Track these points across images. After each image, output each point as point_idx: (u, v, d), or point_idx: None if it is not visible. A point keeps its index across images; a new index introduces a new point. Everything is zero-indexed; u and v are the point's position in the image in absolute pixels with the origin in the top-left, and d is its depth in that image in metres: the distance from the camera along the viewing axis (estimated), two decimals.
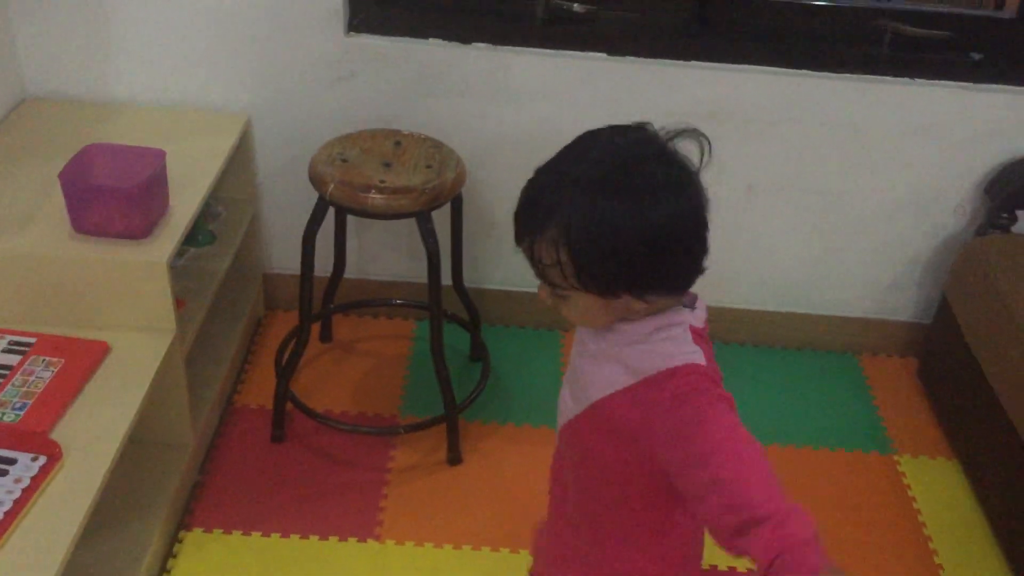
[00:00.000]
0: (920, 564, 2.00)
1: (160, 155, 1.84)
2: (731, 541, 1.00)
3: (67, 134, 2.06)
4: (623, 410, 1.12)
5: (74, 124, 2.13)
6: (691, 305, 1.15)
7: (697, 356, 1.10)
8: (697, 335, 1.14)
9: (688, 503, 1.09)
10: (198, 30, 2.16)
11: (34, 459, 1.52)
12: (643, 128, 1.08)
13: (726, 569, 1.96)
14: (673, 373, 1.08)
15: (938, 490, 2.18)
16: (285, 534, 1.95)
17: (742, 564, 1.96)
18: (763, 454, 1.02)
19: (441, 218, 2.04)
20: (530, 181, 1.08)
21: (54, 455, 1.53)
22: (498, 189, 2.31)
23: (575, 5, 2.18)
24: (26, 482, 1.48)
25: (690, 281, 1.11)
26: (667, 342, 1.11)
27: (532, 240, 1.06)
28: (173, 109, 2.24)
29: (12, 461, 1.51)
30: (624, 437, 1.13)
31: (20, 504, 1.45)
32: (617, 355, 1.13)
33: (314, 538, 1.95)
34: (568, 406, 1.22)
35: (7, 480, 1.48)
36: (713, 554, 1.18)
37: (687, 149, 1.08)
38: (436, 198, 1.91)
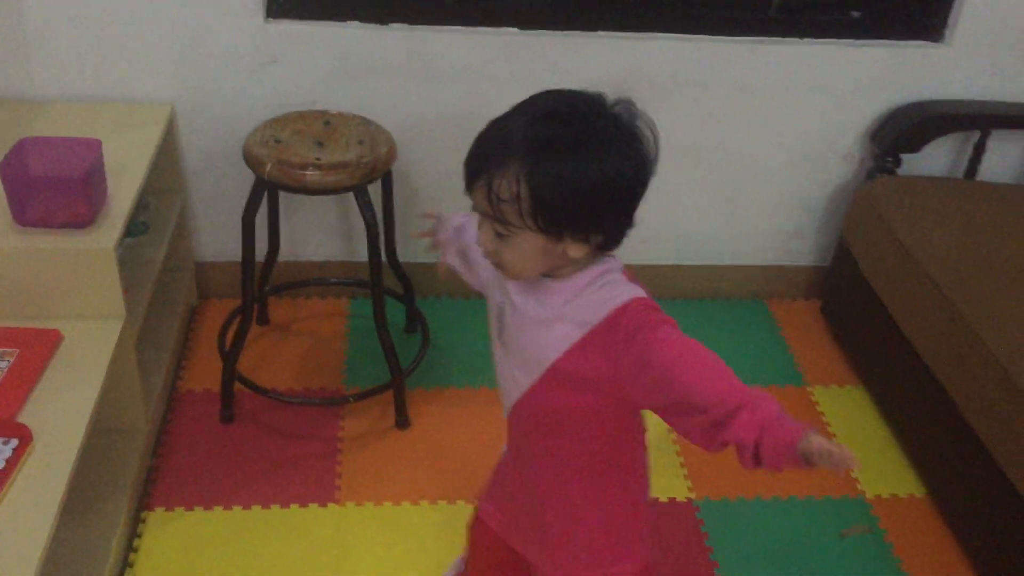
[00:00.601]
0: (839, 480, 2.18)
1: (96, 144, 1.87)
2: (713, 439, 1.10)
3: None
4: (585, 361, 1.19)
5: (1, 123, 2.13)
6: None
7: (638, 290, 1.20)
8: (627, 275, 1.23)
9: (666, 419, 1.16)
10: (118, 23, 2.19)
11: (5, 443, 1.55)
12: (593, 92, 1.16)
13: (667, 500, 2.11)
14: (622, 311, 1.16)
15: (848, 413, 2.38)
16: (247, 506, 2.01)
17: (682, 494, 2.11)
18: (716, 356, 1.14)
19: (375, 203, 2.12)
20: (490, 124, 1.15)
21: (25, 437, 1.56)
22: (425, 164, 2.41)
23: None
24: (1, 464, 1.51)
25: (625, 232, 1.20)
26: (607, 287, 1.19)
27: (491, 176, 1.12)
28: (98, 104, 2.25)
29: None
30: (592, 385, 1.20)
31: None
32: (563, 314, 1.20)
33: (275, 507, 2.02)
34: (518, 382, 1.28)
35: None
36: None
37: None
38: (371, 172, 2.00)
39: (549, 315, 1.21)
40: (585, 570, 1.38)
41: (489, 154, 1.13)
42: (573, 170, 1.10)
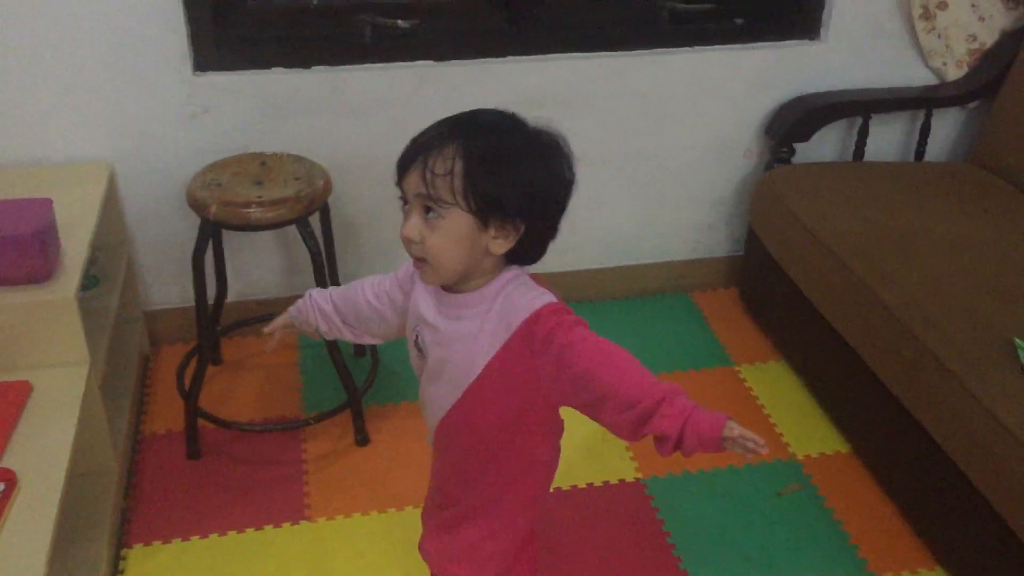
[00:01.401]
0: (773, 445, 2.36)
1: (47, 203, 1.97)
2: (636, 433, 1.20)
3: None
4: (508, 365, 1.26)
5: None
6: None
7: (548, 295, 1.27)
8: (536, 280, 1.31)
9: (587, 414, 1.27)
10: (53, 89, 2.29)
11: None
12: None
13: (617, 482, 2.26)
14: (536, 318, 1.24)
15: (774, 387, 2.57)
16: (222, 532, 2.11)
17: (630, 475, 2.27)
18: (628, 354, 1.23)
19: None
20: (420, 132, 1.24)
21: (11, 481, 1.65)
22: (358, 196, 2.54)
23: (399, 21, 2.44)
24: None
25: (546, 240, 1.28)
26: (517, 291, 1.27)
27: (427, 155, 1.19)
28: (39, 166, 2.35)
29: None
30: (517, 386, 1.28)
31: None
32: (479, 327, 1.27)
33: (250, 530, 2.11)
34: (443, 399, 1.35)
35: None
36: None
37: None
38: (311, 204, 2.13)
39: (467, 330, 1.29)
40: (464, 566, 1.50)
41: (428, 139, 1.21)
42: (505, 147, 1.21)
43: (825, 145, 2.77)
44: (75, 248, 2.04)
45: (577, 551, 2.07)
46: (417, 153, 1.21)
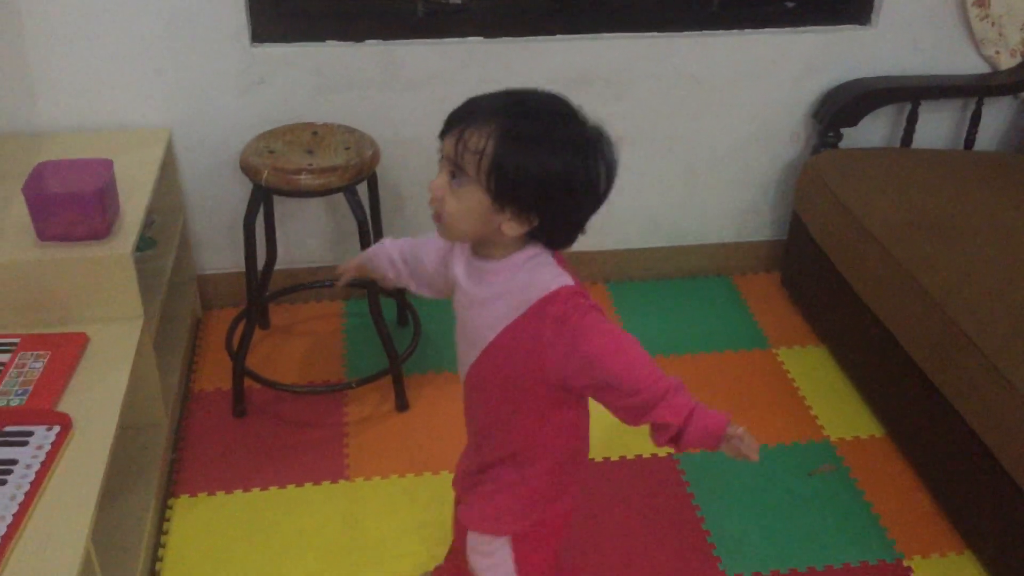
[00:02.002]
0: (806, 426, 2.39)
1: (108, 164, 2.06)
2: (638, 420, 1.26)
3: (7, 162, 2.24)
4: (518, 340, 1.30)
5: (13, 154, 2.30)
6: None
7: (566, 278, 1.29)
8: (559, 259, 1.33)
9: (595, 399, 1.31)
10: (115, 57, 2.37)
11: (49, 429, 1.71)
12: (578, 107, 1.27)
13: (649, 457, 2.29)
14: (551, 298, 1.27)
15: (811, 370, 2.58)
16: (264, 487, 2.18)
17: (663, 450, 2.30)
18: (638, 344, 1.27)
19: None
20: (485, 94, 1.26)
21: (66, 424, 1.73)
22: (406, 167, 2.60)
23: None
24: (47, 447, 1.68)
25: (570, 234, 1.28)
26: (538, 269, 1.29)
27: (466, 127, 1.21)
28: (100, 132, 2.44)
29: (30, 433, 1.70)
30: (524, 360, 1.32)
31: (45, 467, 1.65)
32: (499, 294, 1.30)
33: (291, 487, 2.19)
34: (468, 356, 1.40)
35: (29, 448, 1.67)
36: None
37: None
38: (359, 172, 2.19)
39: (487, 295, 1.32)
40: (478, 519, 1.53)
41: (472, 110, 1.23)
42: (537, 147, 1.20)
43: (873, 131, 2.76)
44: (133, 209, 2.12)
45: (607, 524, 2.11)
46: (460, 120, 1.23)
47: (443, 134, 1.27)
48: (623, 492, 2.19)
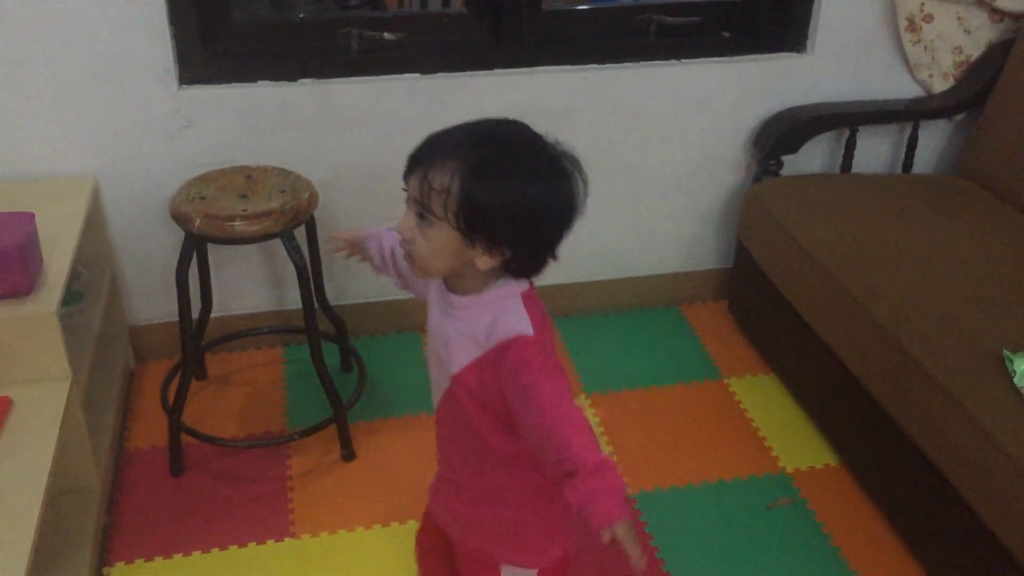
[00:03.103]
0: (762, 458, 2.36)
1: (30, 216, 1.96)
2: (559, 484, 1.23)
3: None
4: (477, 378, 1.29)
5: None
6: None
7: (525, 326, 1.26)
8: (528, 298, 1.30)
9: (535, 451, 1.27)
10: (34, 102, 2.27)
11: None
12: (540, 132, 1.27)
13: None
14: (509, 346, 1.25)
15: (763, 400, 2.56)
16: (206, 550, 2.08)
17: None
18: (581, 414, 1.25)
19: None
20: (444, 129, 1.23)
21: None
22: (345, 209, 2.53)
23: (385, 34, 2.44)
24: None
25: (541, 262, 1.27)
26: (504, 314, 1.27)
27: (429, 166, 1.19)
28: (20, 181, 2.32)
29: None
30: (484, 398, 1.31)
31: None
32: (464, 331, 1.29)
33: (234, 547, 2.09)
34: (439, 384, 1.38)
35: None
36: None
37: None
38: (296, 217, 2.12)
39: (453, 330, 1.31)
40: (516, 552, 1.48)
41: (433, 148, 1.21)
42: (504, 180, 1.18)
43: (813, 158, 2.77)
44: (57, 263, 2.02)
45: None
46: (423, 160, 1.21)
47: (406, 175, 1.24)
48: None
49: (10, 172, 2.33)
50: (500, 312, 1.27)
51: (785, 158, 2.67)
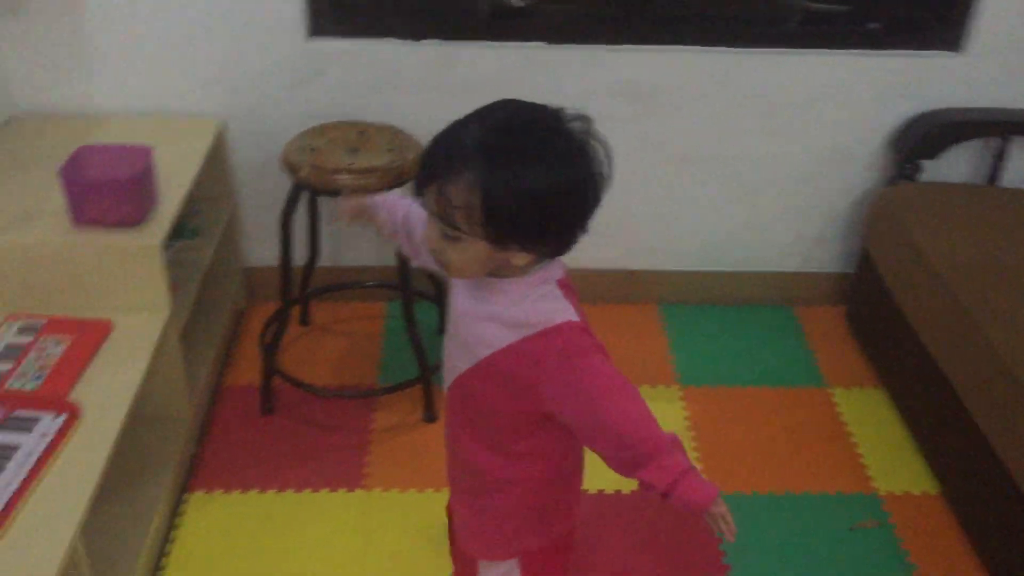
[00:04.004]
0: (854, 476, 2.23)
1: (148, 151, 2.04)
2: (628, 472, 1.18)
3: (58, 143, 2.24)
4: (511, 364, 1.24)
5: (63, 134, 2.31)
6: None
7: (571, 312, 1.23)
8: (565, 287, 1.26)
9: (584, 442, 1.24)
10: (173, 44, 2.36)
11: (55, 417, 1.70)
12: (551, 106, 1.17)
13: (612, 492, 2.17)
14: (556, 331, 1.20)
15: (867, 414, 2.42)
16: (280, 489, 2.14)
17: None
18: (637, 395, 1.20)
19: None
20: (445, 131, 1.16)
21: (73, 413, 1.72)
22: None
23: (514, 0, 2.41)
24: (51, 436, 1.66)
25: (574, 241, 1.20)
26: (542, 300, 1.23)
27: (444, 182, 1.12)
28: (153, 117, 2.43)
29: (36, 420, 1.69)
30: (514, 386, 1.25)
31: (47, 455, 1.63)
32: (496, 315, 1.24)
33: (307, 491, 2.14)
34: (455, 364, 1.33)
35: (33, 436, 1.66)
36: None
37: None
38: (399, 176, 2.13)
39: (486, 313, 1.25)
40: (488, 548, 1.46)
41: (444, 160, 1.14)
42: (524, 181, 1.11)
43: (956, 165, 2.58)
44: (171, 198, 2.10)
45: (624, 560, 2.01)
46: (434, 175, 1.14)
47: (420, 188, 1.17)
48: (645, 532, 2.08)
49: (144, 108, 2.44)
50: (540, 299, 1.23)
51: (924, 163, 2.50)
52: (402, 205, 1.47)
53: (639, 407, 1.20)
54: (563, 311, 1.23)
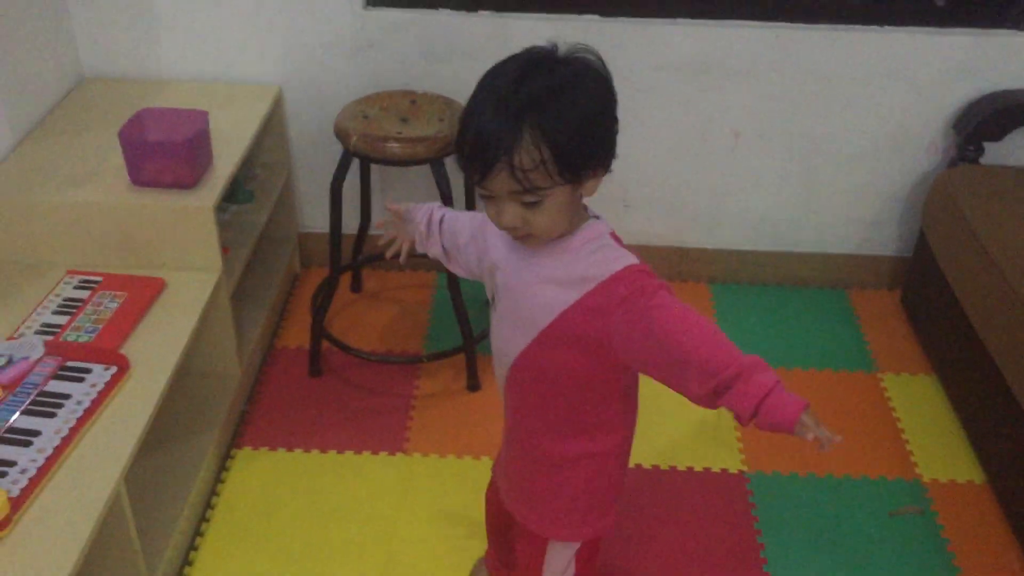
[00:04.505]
0: (898, 461, 2.20)
1: (204, 115, 2.10)
2: (712, 403, 1.16)
3: (121, 106, 2.32)
4: (579, 323, 1.25)
5: (127, 98, 2.38)
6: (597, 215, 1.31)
7: (630, 257, 1.25)
8: (618, 240, 1.29)
9: (664, 382, 1.22)
10: (233, 12, 2.42)
11: (106, 369, 1.77)
12: (533, 47, 1.25)
13: (650, 467, 2.17)
14: (617, 278, 1.22)
15: (916, 400, 2.38)
16: (324, 450, 2.20)
17: (734, 466, 2.17)
18: (710, 322, 1.19)
19: (457, 178, 2.27)
20: (473, 119, 1.19)
21: (123, 365, 1.78)
22: None
23: None
24: (100, 386, 1.73)
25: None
26: (599, 251, 1.25)
27: (510, 155, 1.14)
28: (213, 83, 2.50)
29: (88, 371, 1.76)
30: (585, 346, 1.26)
31: (95, 405, 1.70)
32: (555, 277, 1.26)
33: (349, 452, 2.19)
34: (513, 343, 1.33)
35: (84, 385, 1.73)
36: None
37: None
38: (447, 146, 2.15)
39: (542, 278, 1.28)
40: (562, 527, 1.47)
41: (497, 138, 1.15)
42: (574, 112, 1.16)
43: (1021, 149, 2.50)
44: (226, 162, 2.16)
45: (657, 540, 2.01)
46: (495, 156, 1.16)
47: (481, 178, 1.19)
48: (681, 507, 2.08)
49: (206, 73, 2.50)
50: (596, 251, 1.26)
51: (988, 146, 2.43)
52: (439, 212, 1.52)
53: (712, 335, 1.18)
54: (621, 258, 1.25)
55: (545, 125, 1.15)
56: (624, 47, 2.43)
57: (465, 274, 1.50)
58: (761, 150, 2.56)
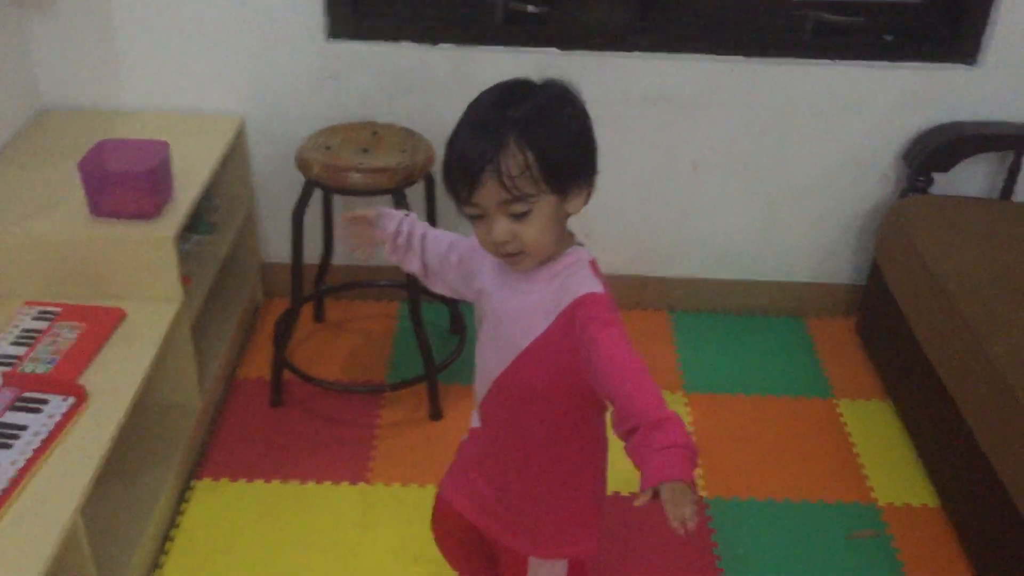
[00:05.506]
0: (854, 486, 2.23)
1: (164, 145, 2.10)
2: (624, 443, 1.17)
3: (82, 137, 2.31)
4: (555, 337, 1.30)
5: (87, 128, 2.38)
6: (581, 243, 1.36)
7: (596, 284, 1.29)
8: (595, 269, 1.33)
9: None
10: (195, 43, 2.43)
11: (64, 399, 1.76)
12: (515, 77, 1.33)
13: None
14: (579, 304, 1.27)
15: (871, 426, 2.42)
16: (285, 480, 2.19)
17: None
18: (643, 368, 1.20)
19: (418, 206, 2.30)
20: (461, 139, 1.24)
21: (80, 396, 1.77)
22: None
23: (529, 6, 2.44)
24: (58, 417, 1.72)
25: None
26: (571, 277, 1.31)
27: (496, 163, 1.19)
28: (175, 114, 2.50)
29: (45, 401, 1.75)
30: (562, 357, 1.30)
31: (52, 436, 1.69)
32: (535, 303, 1.31)
33: (311, 483, 2.19)
34: (497, 364, 1.37)
35: (41, 416, 1.72)
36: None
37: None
38: (409, 177, 2.17)
39: (525, 305, 1.33)
40: (545, 548, 1.49)
41: (482, 151, 1.20)
42: (557, 124, 1.24)
43: (970, 179, 2.57)
44: (187, 192, 2.16)
45: (622, 558, 2.02)
46: (482, 166, 1.20)
47: (468, 195, 1.23)
48: (641, 532, 2.09)
49: (167, 104, 2.51)
50: (568, 277, 1.31)
51: (937, 177, 2.50)
52: (419, 227, 1.53)
53: (638, 381, 1.19)
54: (586, 283, 1.30)
55: (532, 135, 1.21)
56: (583, 80, 2.44)
57: (447, 291, 1.52)
58: (719, 181, 2.61)
